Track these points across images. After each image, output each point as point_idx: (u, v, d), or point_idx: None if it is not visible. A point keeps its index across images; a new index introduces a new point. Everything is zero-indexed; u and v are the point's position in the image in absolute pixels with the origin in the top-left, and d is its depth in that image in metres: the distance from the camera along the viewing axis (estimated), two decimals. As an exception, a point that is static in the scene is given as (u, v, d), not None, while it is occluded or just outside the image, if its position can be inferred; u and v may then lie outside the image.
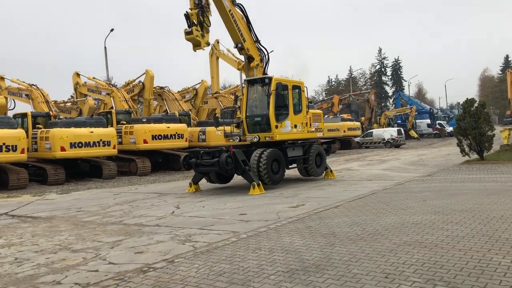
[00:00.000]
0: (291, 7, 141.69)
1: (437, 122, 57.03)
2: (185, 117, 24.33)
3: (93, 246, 7.09)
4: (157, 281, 4.97)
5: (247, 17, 14.47)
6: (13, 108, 23.19)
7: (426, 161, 20.90)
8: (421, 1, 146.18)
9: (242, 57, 15.19)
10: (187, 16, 13.07)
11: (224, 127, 15.30)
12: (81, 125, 18.64)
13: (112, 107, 23.80)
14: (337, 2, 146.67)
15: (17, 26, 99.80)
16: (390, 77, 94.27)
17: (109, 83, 27.97)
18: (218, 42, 32.12)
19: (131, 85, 26.15)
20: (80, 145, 18.14)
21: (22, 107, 22.80)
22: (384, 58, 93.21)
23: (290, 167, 14.78)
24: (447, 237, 6.15)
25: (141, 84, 25.37)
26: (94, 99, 30.10)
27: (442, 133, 53.17)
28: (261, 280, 4.78)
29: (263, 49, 14.80)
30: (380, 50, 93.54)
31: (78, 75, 27.25)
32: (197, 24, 13.01)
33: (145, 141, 20.71)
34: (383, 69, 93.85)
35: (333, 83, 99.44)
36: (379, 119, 52.42)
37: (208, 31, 13.37)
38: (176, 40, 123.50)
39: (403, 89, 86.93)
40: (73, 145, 17.95)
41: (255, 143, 14.01)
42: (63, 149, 17.75)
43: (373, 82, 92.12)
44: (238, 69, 14.83)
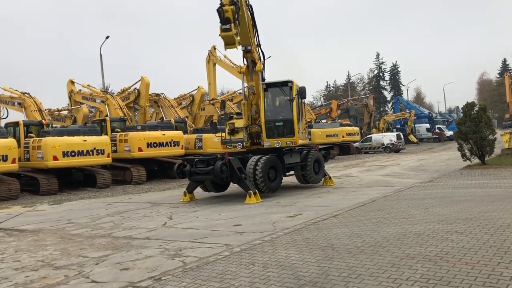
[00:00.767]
0: (284, 12, 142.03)
1: (436, 126, 56.67)
2: (181, 124, 23.96)
3: (77, 262, 6.70)
4: (140, 303, 4.59)
5: (254, 19, 13.93)
6: (6, 117, 22.93)
7: (426, 166, 20.52)
8: (419, 5, 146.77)
9: (239, 63, 14.74)
10: (220, 12, 11.99)
11: (221, 134, 14.94)
12: (74, 133, 18.26)
13: (107, 115, 23.45)
14: (332, 5, 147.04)
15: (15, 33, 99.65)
16: (388, 82, 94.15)
17: (104, 91, 27.62)
18: (215, 48, 31.86)
19: (126, 92, 25.78)
20: (73, 154, 17.75)
21: (15, 115, 22.50)
22: (382, 63, 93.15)
23: (287, 174, 14.40)
24: (452, 248, 5.78)
25: (136, 91, 25.02)
26: (89, 107, 29.73)
27: (441, 137, 52.84)
28: (252, 301, 4.40)
29: (261, 54, 14.35)
30: (378, 55, 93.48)
31: (72, 82, 26.88)
32: (233, 21, 12.04)
33: (140, 149, 20.32)
34: (381, 74, 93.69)
35: (331, 88, 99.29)
36: (378, 124, 52.09)
37: (239, 31, 12.58)
38: (174, 46, 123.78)
39: (402, 93, 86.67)
40: (65, 154, 17.55)
41: (252, 150, 13.65)
42: (55, 158, 17.36)
43: (371, 87, 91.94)
44: (240, 73, 14.38)
